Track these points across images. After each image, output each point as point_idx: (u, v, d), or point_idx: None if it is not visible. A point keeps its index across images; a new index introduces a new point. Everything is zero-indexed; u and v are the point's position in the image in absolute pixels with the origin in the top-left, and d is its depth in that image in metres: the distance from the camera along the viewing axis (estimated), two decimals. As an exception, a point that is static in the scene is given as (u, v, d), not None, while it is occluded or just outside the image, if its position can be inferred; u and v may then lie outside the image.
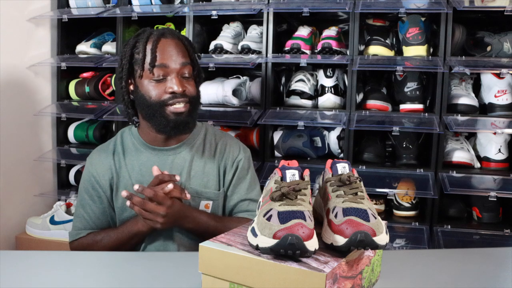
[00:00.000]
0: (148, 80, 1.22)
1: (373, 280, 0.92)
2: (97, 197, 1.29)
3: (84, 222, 1.29)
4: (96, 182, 1.29)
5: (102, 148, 1.35)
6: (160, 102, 1.21)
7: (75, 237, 1.29)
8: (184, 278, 0.94)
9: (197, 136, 1.34)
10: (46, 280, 0.94)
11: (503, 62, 1.79)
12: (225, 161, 1.33)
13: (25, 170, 2.13)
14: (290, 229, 0.74)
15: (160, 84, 1.21)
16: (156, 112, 1.22)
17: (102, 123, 2.22)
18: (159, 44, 1.22)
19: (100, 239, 1.25)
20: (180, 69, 1.22)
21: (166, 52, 1.22)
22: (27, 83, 2.14)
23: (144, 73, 1.22)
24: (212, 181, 1.30)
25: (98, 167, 1.29)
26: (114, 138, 1.36)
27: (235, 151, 1.35)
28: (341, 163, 0.91)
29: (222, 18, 2.00)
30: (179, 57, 1.23)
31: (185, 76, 1.24)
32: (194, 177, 1.29)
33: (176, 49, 1.23)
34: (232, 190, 1.32)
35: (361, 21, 1.92)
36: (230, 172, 1.33)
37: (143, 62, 1.21)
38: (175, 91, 1.20)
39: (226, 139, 1.38)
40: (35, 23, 2.16)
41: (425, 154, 1.96)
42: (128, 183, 1.27)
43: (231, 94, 2.00)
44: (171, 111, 1.21)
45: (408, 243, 1.82)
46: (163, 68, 1.21)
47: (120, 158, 1.30)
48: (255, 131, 2.08)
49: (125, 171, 1.28)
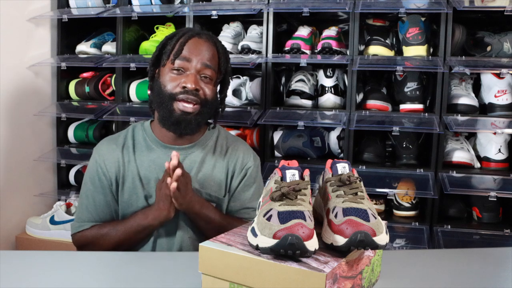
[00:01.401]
0: (169, 69, 1.23)
1: (373, 280, 0.92)
2: (102, 188, 1.27)
3: (88, 213, 1.27)
4: (103, 173, 1.27)
5: (111, 139, 1.34)
6: (172, 94, 1.22)
7: (78, 229, 1.26)
8: (184, 278, 0.94)
9: (210, 139, 1.33)
10: (46, 280, 0.94)
11: (503, 62, 1.79)
12: (234, 166, 1.32)
13: (25, 170, 2.13)
14: (290, 229, 0.74)
15: (178, 77, 1.23)
16: (165, 103, 1.23)
17: (102, 123, 2.22)
18: (191, 40, 1.25)
19: (106, 233, 1.23)
20: (201, 69, 1.23)
21: (193, 49, 1.24)
22: (27, 83, 2.14)
23: (168, 62, 1.24)
24: (218, 185, 1.29)
25: (106, 158, 1.28)
26: (125, 132, 1.34)
27: (246, 157, 1.34)
28: (341, 163, 0.91)
29: (222, 18, 2.00)
30: (205, 57, 1.24)
31: (205, 77, 1.24)
32: (201, 179, 1.28)
33: (205, 49, 1.25)
34: (236, 196, 1.32)
35: (361, 21, 1.92)
36: (238, 177, 1.32)
37: (170, 52, 1.24)
38: (187, 87, 1.21)
39: (237, 144, 1.36)
40: (35, 23, 2.16)
41: (425, 154, 1.96)
42: (136, 179, 1.26)
43: (231, 94, 2.00)
44: (179, 108, 1.22)
45: (408, 243, 1.82)
46: (184, 62, 1.22)
47: (129, 152, 1.29)
48: (255, 131, 2.08)
49: (134, 166, 1.27)
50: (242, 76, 2.12)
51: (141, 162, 1.27)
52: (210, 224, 1.23)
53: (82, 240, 1.26)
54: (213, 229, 1.21)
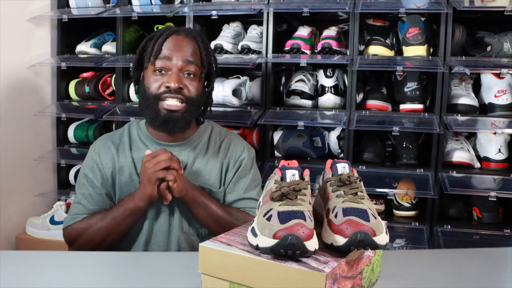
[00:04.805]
0: (151, 71, 1.23)
1: (373, 280, 0.92)
2: (96, 184, 1.28)
3: (81, 207, 1.27)
4: (98, 169, 1.29)
5: (107, 137, 1.36)
6: (156, 95, 1.22)
7: (69, 222, 1.27)
8: (184, 278, 0.94)
9: (203, 134, 1.35)
10: (46, 280, 0.94)
11: (503, 62, 1.79)
12: (228, 159, 1.33)
13: (25, 170, 2.13)
14: (290, 229, 0.74)
15: (161, 77, 1.22)
16: (150, 105, 1.23)
17: (102, 123, 2.22)
18: (169, 39, 1.24)
19: (94, 222, 1.23)
20: (183, 66, 1.23)
21: (173, 46, 1.23)
22: (27, 83, 2.14)
23: (149, 64, 1.23)
24: (213, 179, 1.31)
25: (101, 155, 1.30)
26: (121, 130, 1.37)
27: (239, 150, 1.35)
28: (341, 163, 0.91)
29: (222, 18, 2.00)
30: (186, 54, 1.23)
31: (189, 74, 1.24)
32: (195, 174, 1.29)
33: (185, 46, 1.24)
34: (231, 187, 1.33)
35: (361, 21, 1.92)
36: (232, 170, 1.33)
37: (150, 54, 1.23)
38: (170, 87, 1.21)
39: (230, 137, 1.38)
40: (35, 23, 2.16)
41: (425, 154, 1.96)
42: (133, 173, 1.28)
43: (231, 94, 2.00)
44: (163, 107, 1.22)
45: (408, 243, 1.82)
46: (165, 61, 1.22)
47: (125, 150, 1.30)
48: (255, 131, 2.08)
49: (130, 163, 1.29)
50: (242, 76, 2.12)
51: (138, 160, 1.29)
52: (206, 211, 1.24)
53: (72, 232, 1.26)
54: (210, 217, 1.23)
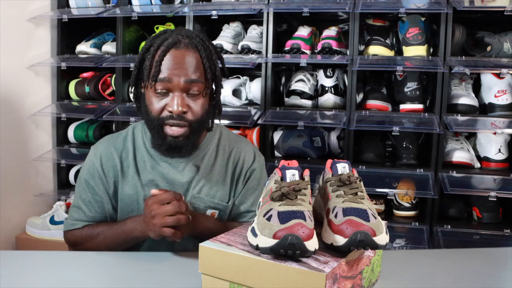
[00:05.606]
0: (152, 92, 1.13)
1: (373, 280, 0.92)
2: (97, 191, 1.24)
3: (81, 213, 1.25)
4: (99, 177, 1.23)
5: (110, 142, 1.28)
6: (160, 119, 1.13)
7: (70, 227, 1.25)
8: (184, 278, 0.94)
9: (211, 142, 1.27)
10: (46, 280, 0.94)
11: (503, 62, 1.79)
12: (239, 171, 1.28)
13: (25, 170, 2.13)
14: (290, 229, 0.74)
15: (163, 98, 1.13)
16: (155, 128, 1.15)
17: (102, 123, 2.22)
18: (167, 55, 1.11)
19: (95, 235, 1.21)
20: (185, 86, 1.11)
21: (172, 65, 1.11)
22: (27, 83, 2.14)
23: (148, 84, 1.13)
24: (221, 190, 1.25)
25: (104, 163, 1.24)
26: (125, 133, 1.29)
27: (250, 159, 1.29)
28: (341, 163, 0.91)
29: (222, 18, 2.00)
30: (187, 71, 1.11)
31: (193, 93, 1.13)
32: (204, 186, 1.24)
33: (186, 62, 1.11)
34: (240, 200, 1.28)
35: (361, 21, 1.92)
36: (242, 181, 1.28)
37: (148, 73, 1.12)
38: (173, 111, 1.11)
39: (241, 145, 1.31)
40: (35, 23, 2.16)
41: (425, 154, 1.96)
42: (138, 184, 1.22)
43: (231, 94, 2.00)
44: (168, 132, 1.14)
45: (408, 243, 1.82)
46: (166, 83, 1.11)
47: (128, 158, 1.24)
48: (255, 131, 2.08)
49: (134, 170, 1.23)
50: (242, 76, 2.12)
51: (142, 167, 1.24)
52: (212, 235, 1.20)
53: (72, 239, 1.25)
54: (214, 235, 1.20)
